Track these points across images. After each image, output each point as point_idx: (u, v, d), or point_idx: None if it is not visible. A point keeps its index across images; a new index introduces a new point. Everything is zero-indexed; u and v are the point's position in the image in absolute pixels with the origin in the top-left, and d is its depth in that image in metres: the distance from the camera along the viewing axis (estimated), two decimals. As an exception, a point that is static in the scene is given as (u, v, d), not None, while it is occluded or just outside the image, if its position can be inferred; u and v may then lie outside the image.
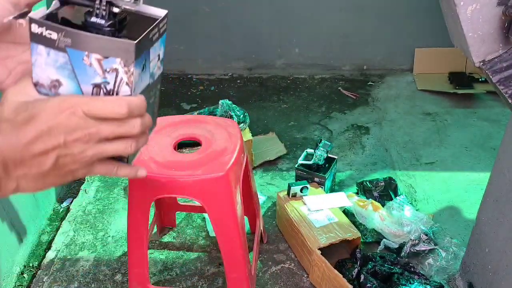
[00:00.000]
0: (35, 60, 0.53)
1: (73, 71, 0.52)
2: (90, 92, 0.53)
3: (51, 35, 0.51)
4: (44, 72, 0.53)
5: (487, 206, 1.47)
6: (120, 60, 0.51)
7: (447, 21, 1.29)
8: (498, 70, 1.12)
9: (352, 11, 3.04)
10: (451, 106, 2.81)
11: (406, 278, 1.61)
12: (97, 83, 0.52)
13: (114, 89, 0.52)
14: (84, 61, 0.51)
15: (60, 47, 0.51)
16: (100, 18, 0.52)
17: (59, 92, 0.54)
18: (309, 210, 1.81)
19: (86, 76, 0.52)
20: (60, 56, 0.52)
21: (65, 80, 0.53)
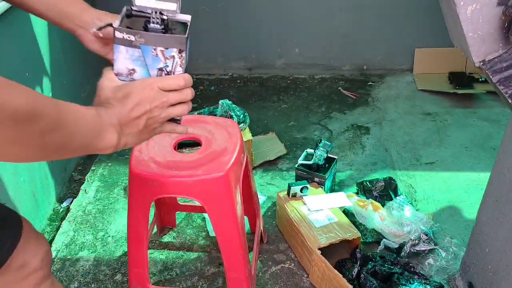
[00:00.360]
0: (117, 56, 0.78)
1: (144, 61, 0.79)
2: (155, 74, 0.80)
3: (130, 37, 0.76)
4: (123, 64, 0.79)
5: (487, 206, 1.47)
6: (176, 50, 0.78)
7: (447, 21, 1.29)
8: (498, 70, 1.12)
9: (352, 11, 3.04)
10: (451, 106, 2.81)
11: (406, 278, 1.61)
12: (160, 67, 0.79)
13: (172, 70, 0.80)
14: (152, 53, 0.78)
15: (135, 45, 0.77)
16: (156, 24, 0.78)
17: (134, 77, 0.80)
18: (309, 210, 1.81)
19: (153, 63, 0.79)
20: (136, 52, 0.78)
21: (138, 68, 0.80)
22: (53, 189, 2.16)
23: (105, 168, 2.37)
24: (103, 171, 2.35)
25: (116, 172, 2.34)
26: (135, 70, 0.79)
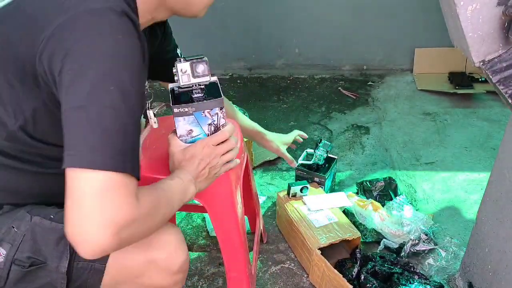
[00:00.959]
0: (178, 125, 1.08)
1: (198, 123, 1.09)
2: (207, 129, 1.10)
3: (185, 109, 1.06)
4: (183, 129, 1.09)
5: (487, 206, 1.47)
6: (218, 108, 1.08)
7: (447, 21, 1.29)
8: (498, 70, 1.12)
9: (352, 11, 3.04)
10: (451, 106, 2.81)
11: (406, 278, 1.61)
12: (209, 123, 1.09)
13: (218, 123, 1.10)
14: (202, 115, 1.08)
15: (190, 113, 1.07)
16: (198, 93, 1.07)
17: (192, 135, 1.10)
18: (309, 210, 1.81)
19: (204, 122, 1.09)
20: (191, 117, 1.07)
21: (194, 128, 1.10)
22: (53, 189, 2.16)
23: (105, 168, 2.37)
24: (103, 171, 2.34)
25: (116, 172, 2.34)
26: (192, 130, 1.10)
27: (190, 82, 1.06)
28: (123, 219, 0.81)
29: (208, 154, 1.08)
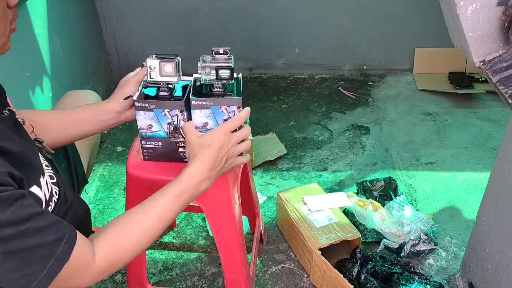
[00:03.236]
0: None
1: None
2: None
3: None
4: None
5: (487, 206, 1.47)
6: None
7: (447, 21, 1.29)
8: (498, 70, 1.12)
9: (352, 11, 3.04)
10: (451, 106, 2.81)
11: (406, 278, 1.61)
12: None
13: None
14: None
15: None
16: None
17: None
18: (309, 211, 1.81)
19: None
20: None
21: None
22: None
23: (105, 168, 2.37)
24: (103, 171, 2.35)
25: (116, 172, 2.34)
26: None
27: (157, 79, 1.09)
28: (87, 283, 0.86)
29: (227, 141, 1.06)
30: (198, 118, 1.12)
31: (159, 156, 1.23)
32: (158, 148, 1.21)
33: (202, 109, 1.10)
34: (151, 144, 1.20)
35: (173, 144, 1.20)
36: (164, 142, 1.20)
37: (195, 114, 1.11)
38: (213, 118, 1.12)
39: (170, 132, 1.17)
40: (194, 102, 1.09)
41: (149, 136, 1.18)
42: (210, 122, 1.12)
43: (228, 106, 1.10)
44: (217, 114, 1.11)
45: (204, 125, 1.13)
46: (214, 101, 1.09)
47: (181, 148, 1.21)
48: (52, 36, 2.22)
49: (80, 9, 2.68)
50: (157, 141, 1.19)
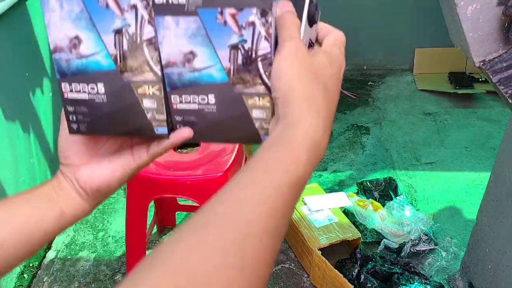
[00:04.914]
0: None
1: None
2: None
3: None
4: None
5: (487, 206, 1.47)
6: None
7: (447, 21, 1.29)
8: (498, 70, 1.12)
9: (352, 11, 3.04)
10: (451, 106, 2.81)
11: (406, 278, 1.61)
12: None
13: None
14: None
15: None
16: None
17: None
18: (309, 210, 1.81)
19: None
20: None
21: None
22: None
23: (105, 168, 2.37)
24: (103, 171, 2.35)
25: (116, 172, 2.34)
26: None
27: None
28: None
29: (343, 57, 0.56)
30: (174, 39, 0.48)
31: (99, 122, 0.52)
32: (98, 101, 0.51)
33: (179, 16, 0.47)
34: (80, 91, 0.50)
35: (129, 89, 0.50)
36: (110, 84, 0.50)
37: (166, 29, 0.47)
38: (205, 40, 0.47)
39: (123, 55, 0.49)
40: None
41: (75, 70, 0.49)
42: (198, 51, 0.48)
43: (239, 8, 0.46)
44: (214, 31, 0.47)
45: (187, 59, 0.48)
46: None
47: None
48: (52, 36, 2.22)
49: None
50: (93, 81, 0.50)
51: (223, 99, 0.49)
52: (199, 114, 0.50)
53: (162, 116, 0.50)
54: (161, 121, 0.51)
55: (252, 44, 0.47)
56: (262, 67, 0.47)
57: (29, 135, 1.95)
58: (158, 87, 0.49)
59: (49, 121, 2.14)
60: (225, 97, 0.49)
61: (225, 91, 0.48)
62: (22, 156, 1.89)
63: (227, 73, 0.48)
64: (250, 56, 0.47)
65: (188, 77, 0.49)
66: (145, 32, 0.47)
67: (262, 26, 0.46)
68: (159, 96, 0.50)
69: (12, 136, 1.82)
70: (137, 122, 0.51)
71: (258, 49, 0.47)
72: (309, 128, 0.44)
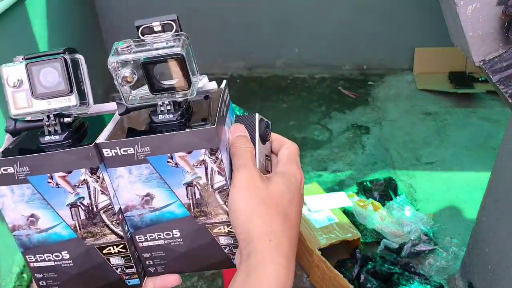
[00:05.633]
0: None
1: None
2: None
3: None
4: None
5: (487, 206, 1.47)
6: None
7: (447, 21, 1.29)
8: (498, 69, 1.11)
9: (352, 11, 3.04)
10: (451, 106, 2.81)
11: (406, 278, 1.61)
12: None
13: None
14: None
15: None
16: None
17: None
18: (309, 211, 1.81)
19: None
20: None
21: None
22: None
23: (105, 168, 2.37)
24: (102, 171, 2.34)
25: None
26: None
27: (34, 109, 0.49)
28: None
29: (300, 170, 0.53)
30: (128, 186, 0.49)
31: (70, 283, 0.53)
32: (65, 266, 0.52)
33: (131, 165, 0.47)
34: (45, 260, 0.51)
35: (95, 253, 0.51)
36: (74, 250, 0.51)
37: (120, 178, 0.48)
38: (160, 182, 0.48)
39: (82, 224, 0.50)
40: (109, 152, 0.47)
41: (37, 243, 0.50)
42: (155, 192, 0.49)
43: (188, 151, 0.47)
44: (167, 174, 0.48)
45: (144, 201, 0.49)
46: (155, 143, 0.47)
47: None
48: (52, 36, 2.22)
49: (79, 9, 2.67)
50: (57, 250, 0.51)
51: (188, 232, 0.50)
52: (166, 248, 0.51)
53: (132, 269, 0.52)
54: (131, 274, 0.52)
55: (207, 179, 0.48)
56: (220, 198, 0.49)
57: (29, 135, 1.95)
58: (123, 245, 0.50)
59: (48, 121, 2.14)
60: (190, 230, 0.50)
61: (188, 224, 0.50)
62: (21, 156, 1.89)
63: (187, 208, 0.49)
64: (207, 190, 0.48)
65: (149, 217, 0.50)
66: (100, 201, 0.48)
67: (213, 162, 0.47)
68: (125, 253, 0.51)
69: (11, 136, 1.82)
70: (108, 278, 0.52)
71: (213, 183, 0.48)
72: (272, 273, 0.45)
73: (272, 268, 0.45)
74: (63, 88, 0.47)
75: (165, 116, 0.48)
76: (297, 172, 0.52)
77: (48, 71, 0.48)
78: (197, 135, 0.46)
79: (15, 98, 0.49)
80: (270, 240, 0.45)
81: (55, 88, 0.47)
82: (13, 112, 0.49)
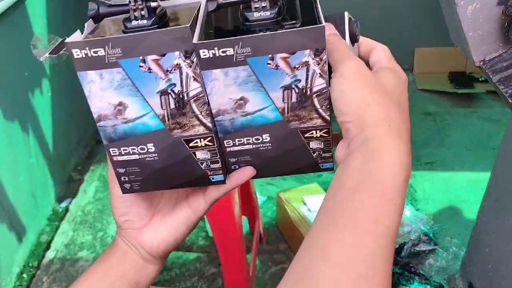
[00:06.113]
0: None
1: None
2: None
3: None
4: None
5: (487, 206, 1.47)
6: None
7: (447, 21, 1.28)
8: (498, 69, 1.11)
9: (352, 11, 3.03)
10: (451, 106, 2.81)
11: (406, 278, 1.61)
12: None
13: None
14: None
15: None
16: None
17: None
18: (309, 210, 1.81)
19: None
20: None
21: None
22: (52, 189, 2.16)
23: (105, 168, 2.37)
24: (102, 171, 2.34)
25: (115, 172, 2.34)
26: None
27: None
28: None
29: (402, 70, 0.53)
30: (222, 89, 0.46)
31: (153, 178, 0.51)
32: (149, 159, 0.50)
33: (228, 67, 0.44)
34: (130, 153, 0.49)
35: (181, 145, 0.49)
36: (160, 142, 0.49)
37: (215, 81, 0.45)
38: (256, 85, 0.45)
39: (171, 114, 0.47)
40: (207, 52, 0.43)
41: (122, 135, 0.48)
42: (249, 96, 0.46)
43: (291, 52, 0.43)
44: (265, 76, 0.45)
45: (238, 105, 0.47)
46: (257, 43, 0.43)
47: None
48: (51, 36, 2.22)
49: (79, 9, 2.67)
50: (142, 143, 0.49)
51: (278, 136, 0.48)
52: (254, 153, 0.50)
53: (217, 164, 0.50)
54: (216, 170, 0.50)
55: (307, 83, 0.46)
56: (318, 102, 0.47)
57: (28, 135, 1.95)
58: (210, 139, 0.48)
59: (48, 121, 2.14)
60: (280, 135, 0.48)
61: (280, 129, 0.48)
62: (21, 156, 1.89)
63: (281, 112, 0.47)
64: (304, 94, 0.46)
65: (240, 122, 0.48)
66: (192, 89, 0.46)
67: (317, 64, 0.44)
68: (212, 147, 0.49)
69: (11, 136, 1.82)
70: (191, 174, 0.51)
71: (313, 86, 0.46)
72: (397, 160, 0.40)
73: (395, 153, 0.40)
74: None
75: (262, 13, 0.44)
76: (401, 70, 0.52)
77: None
78: (305, 35, 0.42)
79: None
80: (389, 126, 0.41)
81: None
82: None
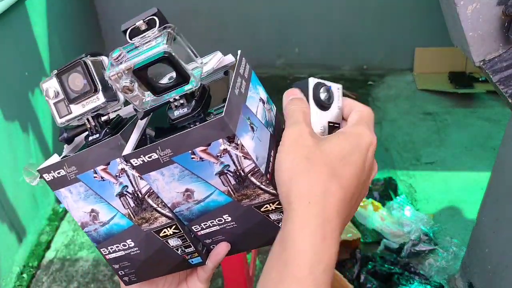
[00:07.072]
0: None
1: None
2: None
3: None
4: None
5: (487, 206, 1.47)
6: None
7: (447, 21, 1.28)
8: (498, 69, 1.11)
9: (352, 11, 3.04)
10: (451, 106, 2.81)
11: (406, 278, 1.61)
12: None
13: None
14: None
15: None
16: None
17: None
18: (309, 210, 1.81)
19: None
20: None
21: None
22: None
23: (105, 168, 2.37)
24: (102, 171, 2.34)
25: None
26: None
27: (73, 114, 0.52)
28: None
29: (372, 154, 0.53)
30: (166, 187, 0.50)
31: (143, 269, 0.57)
32: (134, 253, 0.56)
33: (160, 168, 0.48)
34: (116, 250, 0.56)
35: (153, 236, 0.54)
36: (136, 237, 0.55)
37: (156, 181, 0.50)
38: (193, 177, 0.49)
39: (134, 211, 0.53)
40: (137, 160, 0.48)
41: (105, 236, 0.55)
42: (193, 187, 0.50)
43: (207, 144, 0.46)
44: (197, 169, 0.48)
45: (187, 196, 0.50)
46: (172, 144, 0.47)
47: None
48: (51, 36, 2.22)
49: (79, 9, 2.67)
50: (123, 240, 0.55)
51: (237, 215, 0.51)
52: (224, 232, 0.53)
53: (190, 248, 0.54)
54: (191, 253, 0.54)
55: (236, 166, 0.47)
56: (255, 180, 0.48)
57: (28, 135, 1.95)
58: (175, 226, 0.52)
59: (48, 121, 2.14)
60: (239, 213, 0.51)
61: (235, 208, 0.50)
62: (21, 156, 1.89)
63: (228, 194, 0.49)
64: (240, 175, 0.48)
65: (197, 209, 0.51)
66: (142, 187, 0.51)
67: (235, 149, 0.46)
68: (179, 233, 0.53)
69: (11, 136, 1.82)
70: (173, 260, 0.55)
71: (243, 167, 0.47)
72: (309, 249, 0.38)
73: (308, 239, 0.38)
74: (88, 88, 0.50)
75: (180, 111, 0.48)
76: (365, 133, 0.49)
77: (74, 76, 0.51)
78: (209, 128, 0.45)
79: (57, 108, 0.52)
80: (309, 203, 0.39)
81: (83, 90, 0.50)
82: (59, 121, 0.52)
